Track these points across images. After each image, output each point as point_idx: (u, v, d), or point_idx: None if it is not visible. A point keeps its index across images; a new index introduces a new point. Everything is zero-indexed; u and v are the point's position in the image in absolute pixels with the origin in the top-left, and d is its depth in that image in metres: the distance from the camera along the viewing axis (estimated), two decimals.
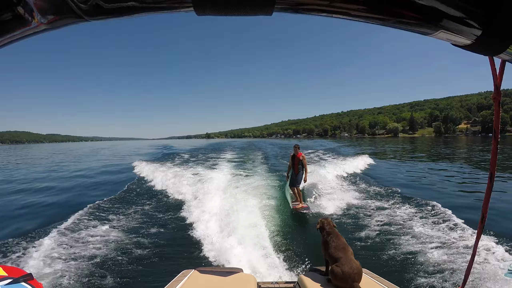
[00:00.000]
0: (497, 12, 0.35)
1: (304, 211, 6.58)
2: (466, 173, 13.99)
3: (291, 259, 4.43)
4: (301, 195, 7.17)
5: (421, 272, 4.02)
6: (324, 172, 11.03)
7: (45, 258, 4.52)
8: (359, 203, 7.56)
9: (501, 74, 0.78)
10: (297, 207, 6.85)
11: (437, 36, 0.42)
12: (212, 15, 0.37)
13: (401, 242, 4.97)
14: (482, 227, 1.21)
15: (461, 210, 6.39)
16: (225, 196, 7.86)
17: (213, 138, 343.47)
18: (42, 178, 15.44)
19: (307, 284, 2.18)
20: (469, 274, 1.38)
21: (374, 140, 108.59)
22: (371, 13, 0.38)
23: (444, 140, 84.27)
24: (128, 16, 0.37)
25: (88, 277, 4.04)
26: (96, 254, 4.75)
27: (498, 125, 1.05)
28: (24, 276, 1.44)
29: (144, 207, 7.81)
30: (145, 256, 4.76)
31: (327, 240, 2.38)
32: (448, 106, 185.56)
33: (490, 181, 1.04)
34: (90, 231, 5.80)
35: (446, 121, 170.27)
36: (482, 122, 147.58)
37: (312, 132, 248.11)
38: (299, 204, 6.97)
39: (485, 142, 51.43)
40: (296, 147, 7.47)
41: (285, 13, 0.39)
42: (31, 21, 0.37)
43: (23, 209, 8.51)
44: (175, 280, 2.19)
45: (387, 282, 2.20)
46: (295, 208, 6.78)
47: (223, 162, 18.97)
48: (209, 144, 55.17)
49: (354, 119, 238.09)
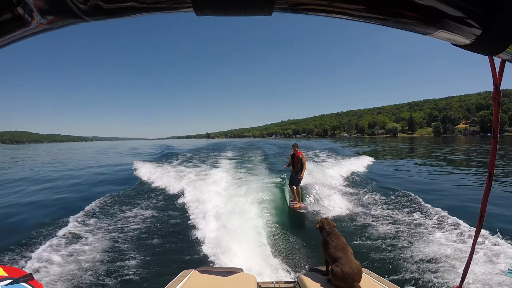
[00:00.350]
0: (497, 11, 0.35)
1: (302, 211, 6.62)
2: (465, 172, 14.00)
3: (291, 259, 4.43)
4: (300, 195, 7.19)
5: (420, 271, 4.02)
6: (324, 172, 11.02)
7: (45, 258, 4.51)
8: (358, 203, 7.57)
9: (501, 74, 0.78)
10: (295, 206, 6.90)
11: (437, 36, 0.41)
12: (212, 16, 0.37)
13: (401, 242, 4.97)
14: (480, 226, 1.21)
15: (459, 209, 6.39)
16: (225, 196, 7.85)
17: (213, 138, 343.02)
18: (39, 178, 15.42)
19: (307, 283, 2.18)
20: (467, 273, 1.39)
21: (373, 140, 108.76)
22: (371, 13, 0.38)
23: (442, 140, 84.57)
24: (128, 16, 0.37)
25: (88, 277, 4.03)
26: (96, 254, 4.74)
27: (498, 125, 1.04)
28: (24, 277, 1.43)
29: (144, 207, 7.80)
30: (145, 256, 4.74)
31: (327, 240, 2.38)
32: (447, 106, 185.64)
33: (489, 180, 1.03)
34: (89, 232, 5.79)
35: (445, 121, 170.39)
36: (481, 122, 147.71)
37: (312, 132, 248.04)
38: (297, 203, 7.01)
39: (483, 142, 51.60)
40: (295, 146, 7.47)
41: (284, 13, 0.38)
42: (31, 21, 0.37)
43: (23, 207, 8.50)
44: (175, 280, 2.19)
45: (387, 281, 2.20)
46: (293, 208, 6.83)
47: (223, 162, 18.96)
48: (209, 144, 55.05)
49: (354, 119, 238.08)
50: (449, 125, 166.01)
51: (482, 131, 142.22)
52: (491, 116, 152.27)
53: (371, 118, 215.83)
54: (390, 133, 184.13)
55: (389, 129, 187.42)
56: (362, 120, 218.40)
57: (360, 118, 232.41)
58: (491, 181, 1.08)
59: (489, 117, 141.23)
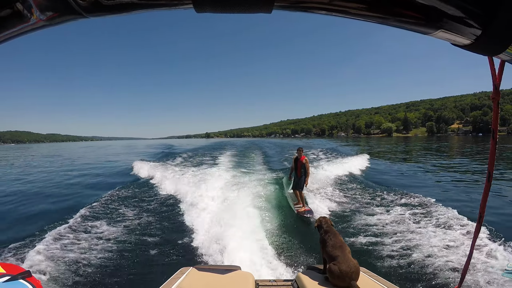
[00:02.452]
0: (497, 12, 0.35)
1: (308, 215, 6.30)
2: (463, 171, 14.06)
3: (289, 257, 4.41)
4: (303, 198, 6.93)
5: (418, 270, 4.00)
6: (322, 172, 11.00)
7: (43, 255, 4.46)
8: (355, 202, 7.55)
9: (500, 74, 0.77)
10: (300, 210, 6.59)
11: (437, 35, 0.41)
12: (211, 13, 0.36)
13: (399, 241, 4.95)
14: (479, 226, 1.19)
15: (458, 209, 6.35)
16: (224, 194, 7.80)
17: (212, 138, 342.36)
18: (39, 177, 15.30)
19: (305, 282, 2.15)
20: (466, 273, 1.36)
21: (369, 139, 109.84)
22: (370, 12, 0.38)
23: (436, 139, 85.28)
24: (127, 12, 0.36)
25: (86, 274, 4.00)
26: (94, 252, 4.70)
27: (497, 125, 1.02)
28: (22, 273, 1.39)
29: (142, 205, 7.75)
30: (143, 254, 4.71)
31: (324, 238, 2.36)
32: (442, 106, 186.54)
33: (488, 181, 1.03)
34: (88, 230, 5.75)
35: (439, 121, 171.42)
36: (473, 122, 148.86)
37: (310, 132, 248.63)
38: (302, 207, 6.71)
39: (474, 141, 52.70)
40: (300, 150, 7.09)
41: (284, 11, 0.38)
42: (30, 17, 0.36)
43: (20, 206, 8.40)
44: (173, 277, 2.16)
45: (385, 280, 2.18)
46: (299, 212, 6.55)
47: (223, 161, 18.91)
48: (209, 144, 54.83)
49: (352, 119, 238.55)
50: (442, 125, 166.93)
51: (474, 131, 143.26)
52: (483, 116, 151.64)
53: (368, 118, 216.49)
54: (386, 132, 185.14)
55: (384, 129, 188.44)
56: (359, 120, 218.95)
57: (358, 118, 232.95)
58: (491, 181, 1.06)
59: (481, 117, 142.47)
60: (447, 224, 5.55)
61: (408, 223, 5.75)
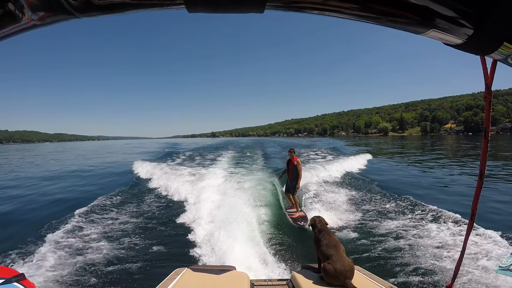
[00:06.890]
0: (489, 11, 0.34)
1: (302, 223, 5.66)
2: (455, 170, 13.96)
3: (284, 257, 4.33)
4: (297, 202, 6.41)
5: (412, 268, 3.94)
6: (318, 172, 10.86)
7: (38, 257, 4.36)
8: (351, 202, 7.43)
9: (492, 74, 0.77)
10: (294, 216, 6.09)
11: (429, 35, 0.41)
12: (203, 12, 0.35)
13: (392, 239, 4.89)
14: (472, 224, 1.16)
15: (450, 207, 6.28)
16: (219, 194, 7.66)
17: (218, 137, 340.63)
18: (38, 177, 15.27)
19: (299, 281, 2.10)
20: (459, 270, 1.32)
21: (366, 138, 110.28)
22: (363, 12, 0.37)
23: (429, 138, 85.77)
24: (120, 12, 0.36)
25: (81, 276, 3.89)
26: (89, 253, 4.59)
27: (489, 124, 0.98)
28: (16, 276, 1.33)
29: (139, 205, 7.63)
30: (138, 255, 4.59)
31: (318, 237, 2.31)
32: (439, 106, 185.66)
33: (480, 179, 1.01)
34: (83, 230, 5.62)
35: (434, 121, 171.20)
36: (464, 122, 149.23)
37: (313, 131, 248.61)
38: (296, 212, 6.26)
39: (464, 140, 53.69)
40: (292, 151, 6.53)
41: (277, 10, 0.37)
42: (22, 17, 0.36)
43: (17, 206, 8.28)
44: (168, 278, 2.11)
45: (379, 278, 2.13)
46: (292, 218, 6.03)
47: (222, 160, 18.83)
48: (215, 143, 53.57)
49: (353, 118, 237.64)
50: (436, 125, 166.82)
51: (465, 130, 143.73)
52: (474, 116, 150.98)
53: (368, 118, 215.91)
54: (382, 132, 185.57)
55: (381, 129, 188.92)
56: (359, 120, 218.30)
57: (358, 118, 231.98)
58: (483, 180, 1.02)
59: (472, 117, 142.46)
60: (439, 222, 5.49)
61: (401, 222, 5.68)
